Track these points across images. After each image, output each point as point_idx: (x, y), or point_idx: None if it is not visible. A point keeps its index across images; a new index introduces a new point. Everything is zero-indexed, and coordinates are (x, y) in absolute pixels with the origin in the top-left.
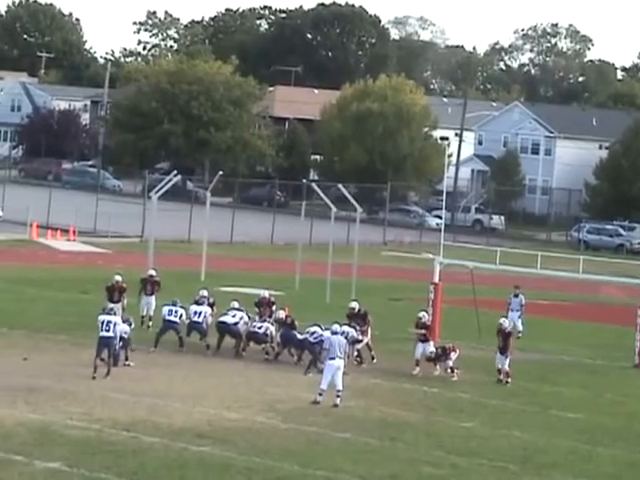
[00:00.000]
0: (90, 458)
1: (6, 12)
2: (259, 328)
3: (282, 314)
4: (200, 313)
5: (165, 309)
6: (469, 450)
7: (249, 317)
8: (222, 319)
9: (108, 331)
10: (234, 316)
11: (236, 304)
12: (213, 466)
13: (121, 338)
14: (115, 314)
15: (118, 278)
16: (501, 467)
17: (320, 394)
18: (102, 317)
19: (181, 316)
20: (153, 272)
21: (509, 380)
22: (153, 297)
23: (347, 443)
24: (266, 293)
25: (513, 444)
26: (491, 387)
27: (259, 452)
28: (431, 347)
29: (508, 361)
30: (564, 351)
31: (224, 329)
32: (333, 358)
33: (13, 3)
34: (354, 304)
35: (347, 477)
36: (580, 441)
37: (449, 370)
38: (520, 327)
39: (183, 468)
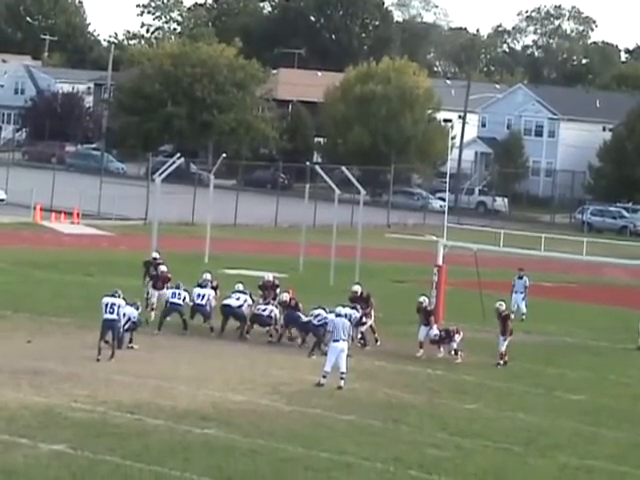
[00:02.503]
0: (94, 440)
1: None
2: (263, 311)
3: (286, 296)
4: (203, 296)
5: (168, 292)
6: (473, 432)
7: (253, 300)
8: (226, 302)
9: (112, 313)
10: (238, 299)
11: (240, 286)
12: (217, 448)
13: (128, 320)
14: (119, 296)
15: (156, 255)
16: (505, 449)
17: (324, 376)
18: (106, 299)
19: (184, 299)
20: (157, 254)
21: (501, 362)
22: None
23: (351, 425)
24: (270, 276)
25: (517, 426)
26: (495, 369)
27: (263, 434)
28: (435, 330)
29: (506, 343)
30: (568, 333)
31: (228, 312)
32: (337, 340)
33: None
34: (357, 287)
35: (351, 459)
36: (584, 423)
37: (453, 352)
38: (524, 309)
39: (187, 450)
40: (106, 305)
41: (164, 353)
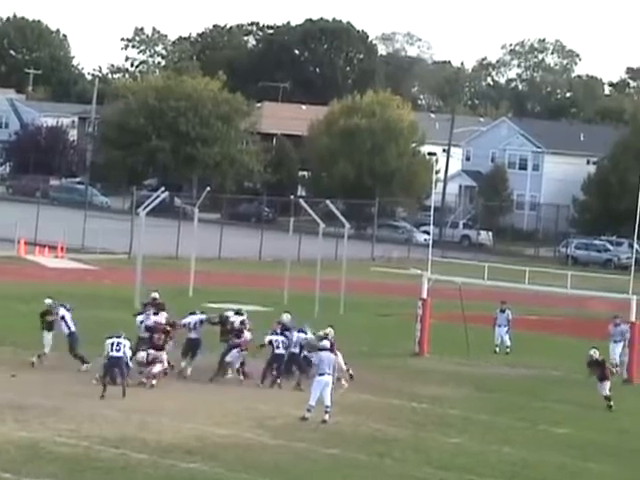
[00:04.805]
0: (79, 475)
1: None
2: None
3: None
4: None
5: (107, 342)
6: (458, 466)
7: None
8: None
9: (119, 351)
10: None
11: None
12: None
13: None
14: (122, 336)
15: (155, 295)
16: None
17: (309, 410)
18: (110, 339)
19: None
20: (156, 295)
21: (611, 404)
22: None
23: (336, 459)
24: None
25: (502, 459)
26: (480, 403)
27: (248, 468)
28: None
29: (609, 385)
30: (553, 366)
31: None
32: (322, 374)
33: (0, 20)
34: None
35: None
36: (569, 456)
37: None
38: (508, 342)
39: None
40: (112, 344)
41: (148, 388)
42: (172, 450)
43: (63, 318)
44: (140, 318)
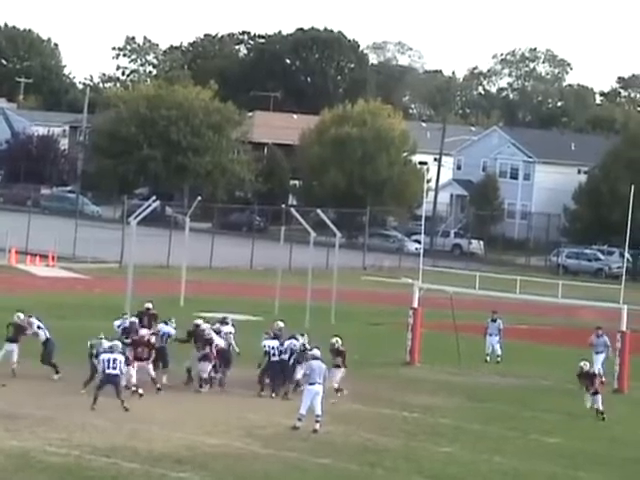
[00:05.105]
0: None
1: None
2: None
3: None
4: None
5: (104, 357)
6: (449, 475)
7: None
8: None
9: (115, 369)
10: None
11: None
12: None
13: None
14: (117, 351)
15: (149, 305)
16: None
17: (299, 419)
18: (105, 355)
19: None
20: (150, 305)
21: (603, 416)
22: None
23: (326, 469)
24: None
25: (493, 469)
26: (471, 412)
27: (238, 478)
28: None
29: (600, 399)
30: (543, 376)
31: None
32: (313, 384)
33: None
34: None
35: None
36: (560, 466)
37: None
38: (499, 351)
39: None
40: (108, 361)
41: (140, 398)
42: (162, 459)
43: (40, 327)
44: (117, 323)
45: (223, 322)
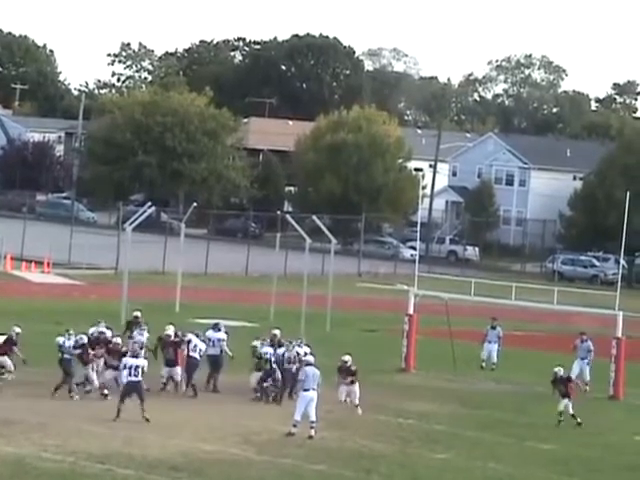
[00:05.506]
0: None
1: None
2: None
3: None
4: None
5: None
6: None
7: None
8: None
9: (137, 376)
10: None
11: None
12: None
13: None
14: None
15: (138, 314)
16: None
17: (294, 425)
18: (129, 361)
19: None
20: (138, 313)
21: (579, 422)
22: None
23: (322, 475)
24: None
25: (488, 475)
26: (466, 419)
27: None
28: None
29: (570, 403)
30: (538, 382)
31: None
32: (307, 390)
33: None
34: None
35: None
36: (555, 472)
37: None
38: (495, 359)
39: None
40: (130, 367)
41: (135, 402)
42: (158, 466)
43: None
44: (92, 330)
45: (215, 328)
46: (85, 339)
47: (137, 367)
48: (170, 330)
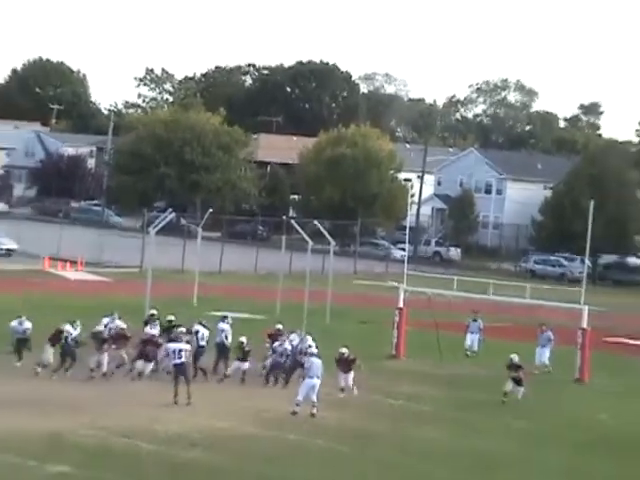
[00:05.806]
0: (97, 462)
1: (22, 69)
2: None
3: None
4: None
5: (168, 346)
6: (430, 454)
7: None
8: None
9: (181, 358)
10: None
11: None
12: (204, 470)
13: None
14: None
15: (154, 311)
16: (460, 468)
17: (297, 405)
18: (170, 346)
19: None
20: (154, 311)
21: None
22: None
23: (323, 449)
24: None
25: (470, 450)
26: (450, 400)
27: (244, 457)
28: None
29: (522, 390)
30: None
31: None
32: (311, 377)
33: (28, 61)
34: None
35: None
36: (527, 445)
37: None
38: (475, 348)
39: (177, 471)
40: (174, 351)
41: (161, 385)
42: (177, 440)
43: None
44: (105, 320)
45: (224, 320)
46: (101, 327)
47: (180, 350)
48: (155, 330)
